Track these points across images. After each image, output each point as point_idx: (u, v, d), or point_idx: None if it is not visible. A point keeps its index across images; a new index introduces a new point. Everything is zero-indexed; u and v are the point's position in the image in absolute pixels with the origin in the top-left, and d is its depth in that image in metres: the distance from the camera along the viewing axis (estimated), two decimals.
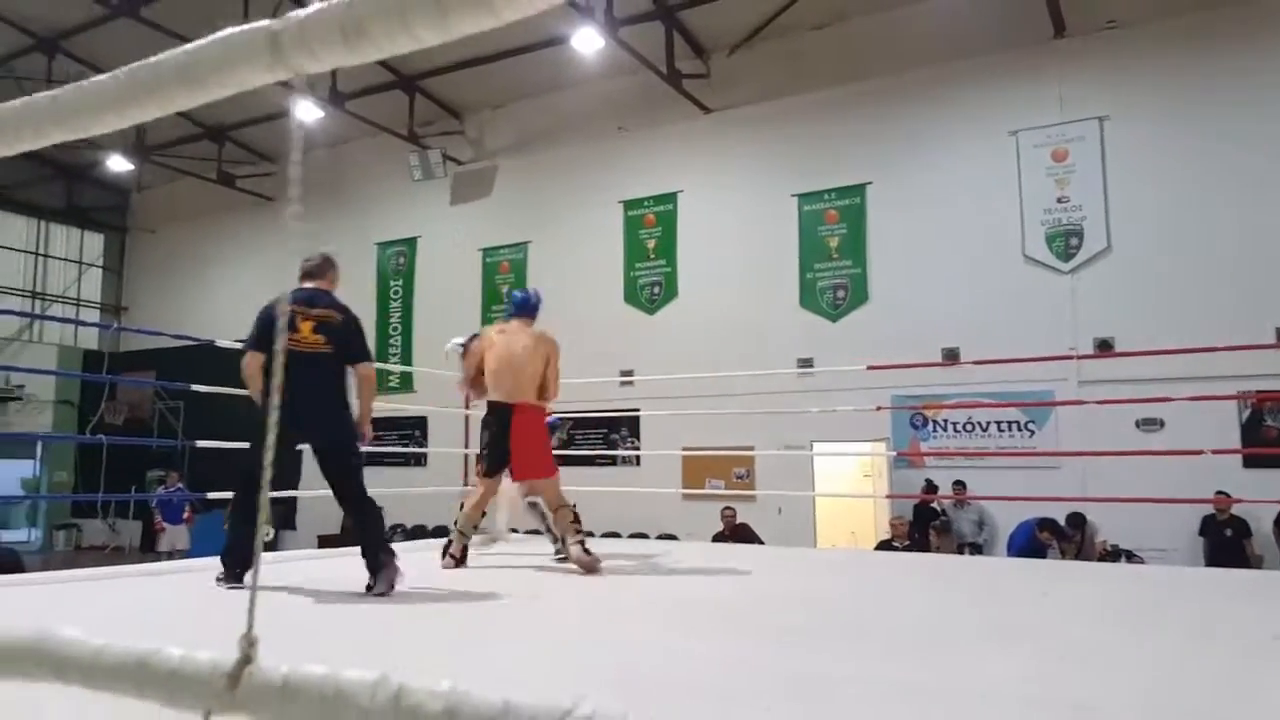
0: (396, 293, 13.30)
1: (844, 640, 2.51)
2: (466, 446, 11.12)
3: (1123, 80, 8.69)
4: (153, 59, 0.67)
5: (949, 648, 2.38)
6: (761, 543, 8.22)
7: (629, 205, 11.37)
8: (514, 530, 5.51)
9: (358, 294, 13.04)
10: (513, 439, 4.11)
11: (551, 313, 12.46)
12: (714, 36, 10.46)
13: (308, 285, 3.57)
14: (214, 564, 3.60)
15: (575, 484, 8.23)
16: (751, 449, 9.40)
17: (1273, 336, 7.60)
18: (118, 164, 14.02)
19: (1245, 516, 7.51)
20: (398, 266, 13.33)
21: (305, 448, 3.57)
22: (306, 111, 11.73)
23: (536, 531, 5.25)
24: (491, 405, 4.27)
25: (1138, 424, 7.82)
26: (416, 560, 4.07)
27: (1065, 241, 8.72)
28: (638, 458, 10.53)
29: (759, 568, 4.47)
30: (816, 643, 2.45)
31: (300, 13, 0.59)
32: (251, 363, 3.44)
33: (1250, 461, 7.44)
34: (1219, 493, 7.30)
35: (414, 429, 12.64)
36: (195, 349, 6.22)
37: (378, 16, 0.56)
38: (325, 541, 11.10)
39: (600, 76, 10.93)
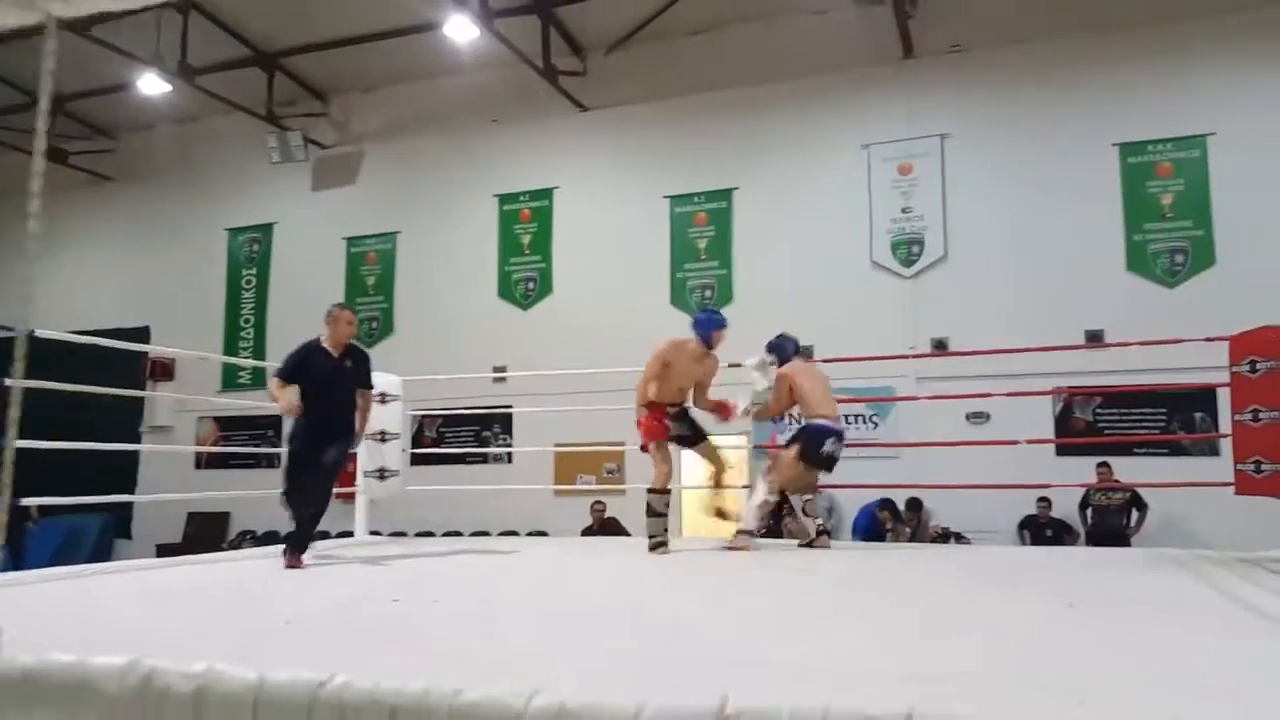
0: (249, 283, 13.66)
1: (711, 625, 2.93)
2: None
3: (963, 101, 10.41)
4: None
5: (800, 628, 2.83)
6: (629, 535, 9.29)
7: (504, 199, 12.29)
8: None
9: (205, 283, 13.51)
10: None
11: (422, 307, 13.36)
12: (591, 35, 11.53)
13: None
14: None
15: (446, 482, 9.13)
16: (622, 444, 10.46)
17: (1083, 338, 9.38)
18: None
19: (1057, 498, 9.19)
20: (251, 254, 13.69)
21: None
22: (151, 85, 12.00)
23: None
24: None
25: (967, 417, 9.45)
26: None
27: (908, 249, 10.39)
28: (509, 455, 11.47)
29: (631, 561, 5.12)
30: (692, 630, 2.80)
31: None
32: None
33: (1061, 450, 9.18)
34: (1040, 500, 9.11)
35: (267, 429, 13.05)
36: (6, 343, 6.47)
37: None
38: (165, 551, 11.40)
39: (475, 67, 11.77)
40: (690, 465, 10.98)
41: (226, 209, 13.74)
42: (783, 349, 5.87)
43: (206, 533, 12.50)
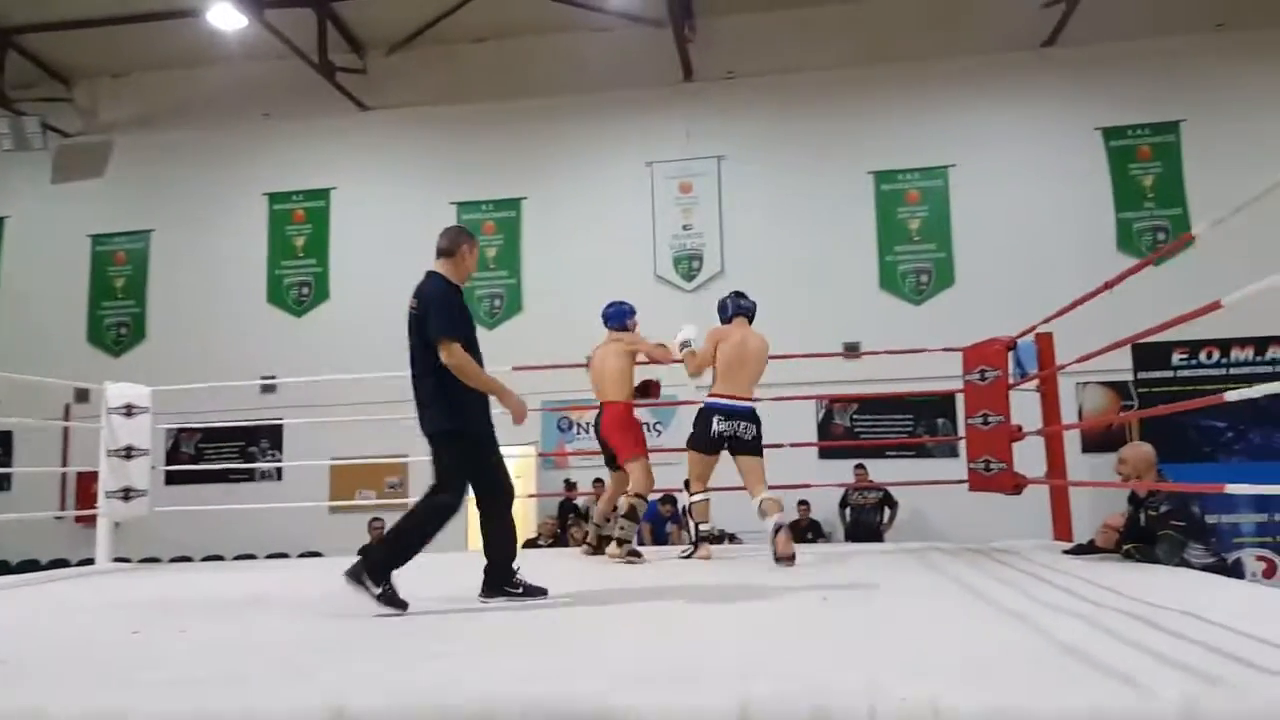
0: None
1: (480, 640, 2.89)
2: (65, 465, 10.62)
3: (737, 125, 11.03)
4: None
5: (580, 632, 2.94)
6: None
7: (275, 198, 11.66)
8: None
9: None
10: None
11: (180, 312, 12.37)
12: (371, 33, 11.19)
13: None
14: None
15: (206, 502, 8.47)
16: (405, 456, 10.14)
17: (841, 349, 10.12)
18: None
19: (818, 499, 9.81)
20: None
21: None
22: None
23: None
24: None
25: None
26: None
27: (689, 264, 10.87)
28: (279, 470, 10.82)
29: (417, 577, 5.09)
30: (468, 646, 2.78)
31: None
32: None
33: (823, 454, 9.85)
34: (800, 504, 9.68)
35: None
36: None
37: None
38: None
39: (244, 57, 11.09)
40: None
41: None
42: (723, 308, 5.45)
43: None
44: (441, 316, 3.40)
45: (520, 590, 3.58)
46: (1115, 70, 10.47)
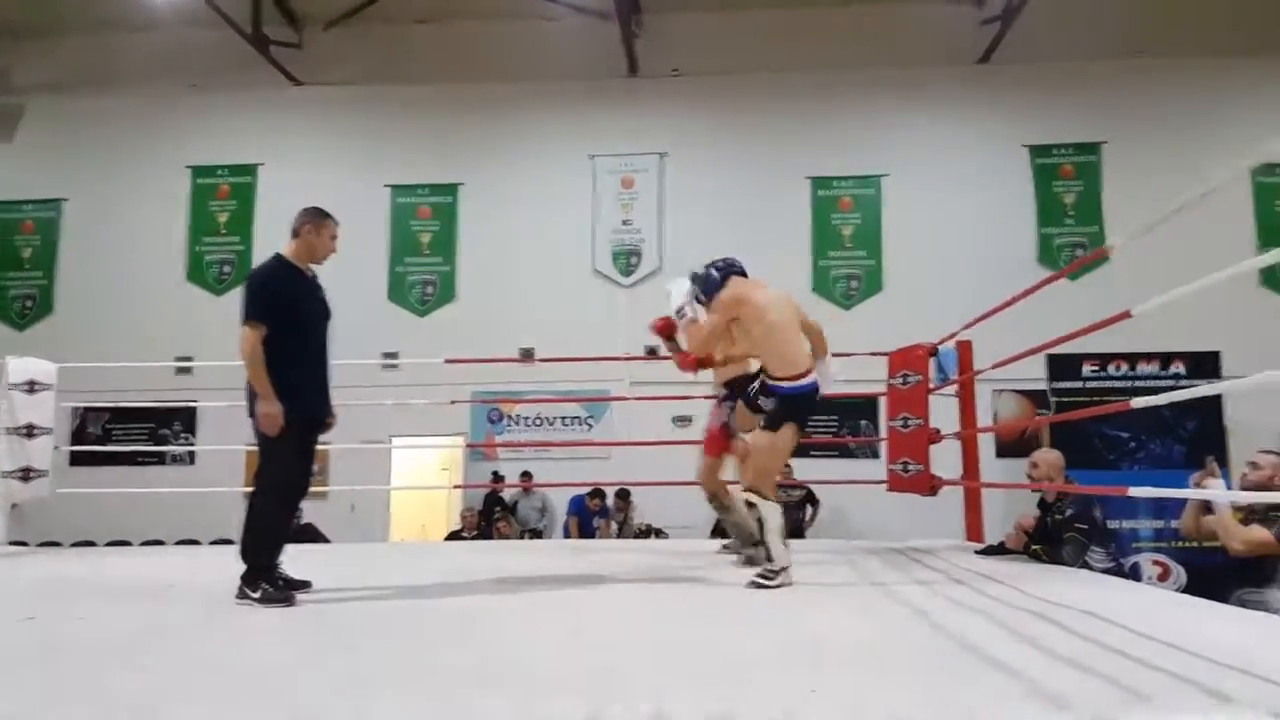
0: None
1: (409, 633, 2.91)
2: None
3: (681, 123, 10.99)
4: None
5: (496, 629, 2.92)
6: (328, 541, 8.69)
7: (199, 172, 11.16)
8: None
9: None
10: None
11: (91, 286, 11.78)
12: (309, 7, 10.83)
13: None
14: None
15: (112, 485, 8.02)
16: (326, 444, 9.79)
17: None
18: None
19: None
20: None
21: None
22: None
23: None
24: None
25: (673, 420, 9.92)
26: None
27: (627, 259, 10.80)
28: (191, 454, 10.36)
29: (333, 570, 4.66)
30: (395, 636, 2.82)
31: None
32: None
33: None
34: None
35: None
36: None
37: None
38: None
39: (172, 23, 10.60)
40: (402, 463, 10.61)
41: None
42: (708, 279, 4.17)
43: None
44: (249, 300, 3.38)
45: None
46: (1044, 90, 10.78)
